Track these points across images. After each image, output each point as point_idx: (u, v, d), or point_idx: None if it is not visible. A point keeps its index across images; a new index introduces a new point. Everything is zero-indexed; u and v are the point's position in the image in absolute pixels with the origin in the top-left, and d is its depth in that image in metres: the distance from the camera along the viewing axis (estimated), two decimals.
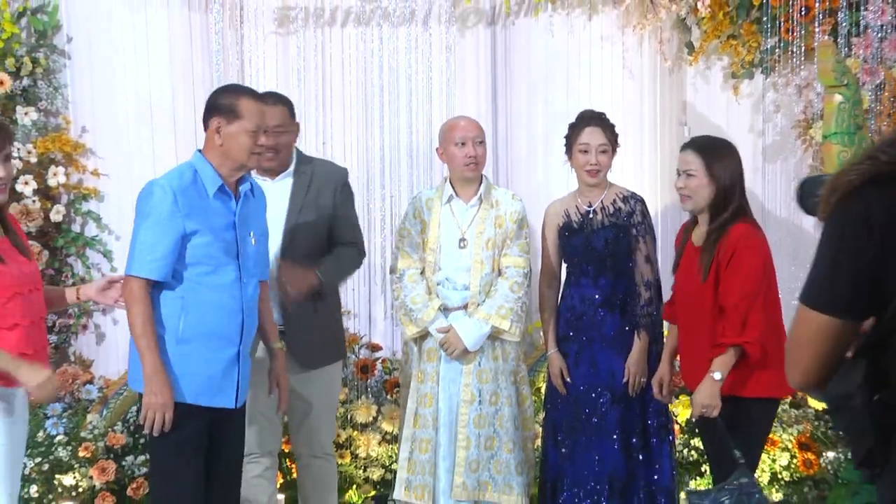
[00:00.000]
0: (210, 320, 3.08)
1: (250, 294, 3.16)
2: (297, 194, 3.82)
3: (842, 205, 1.51)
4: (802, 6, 4.90)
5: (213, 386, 3.09)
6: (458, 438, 3.82)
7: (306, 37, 5.10)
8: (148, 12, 4.75)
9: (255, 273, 3.20)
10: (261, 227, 3.30)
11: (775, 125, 5.27)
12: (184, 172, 3.10)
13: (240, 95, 3.11)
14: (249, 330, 3.18)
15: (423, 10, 5.09)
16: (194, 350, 3.06)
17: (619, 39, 4.99)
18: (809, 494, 4.54)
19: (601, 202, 3.90)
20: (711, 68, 5.27)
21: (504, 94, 5.22)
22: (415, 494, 3.83)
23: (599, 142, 3.83)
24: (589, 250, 3.84)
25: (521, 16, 5.08)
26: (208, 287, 3.08)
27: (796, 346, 1.63)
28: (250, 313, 3.17)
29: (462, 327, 3.78)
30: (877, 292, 1.50)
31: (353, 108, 5.15)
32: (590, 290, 3.84)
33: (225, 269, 3.10)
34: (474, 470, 3.80)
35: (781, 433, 4.58)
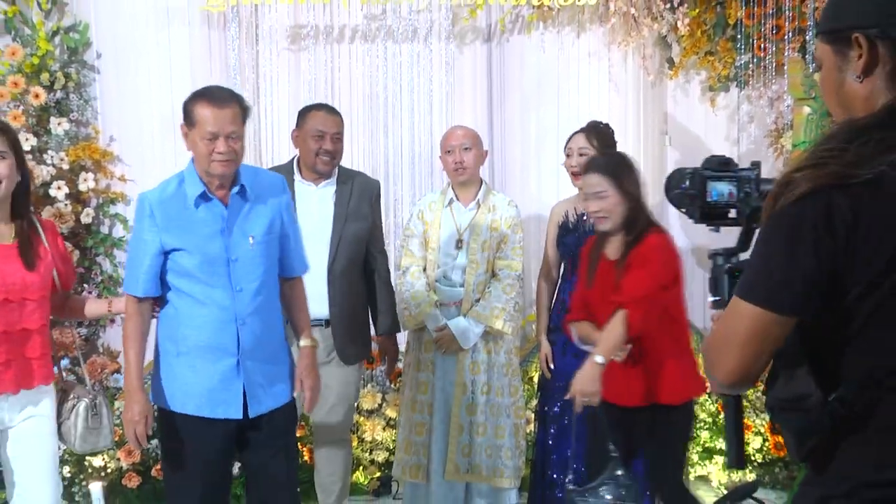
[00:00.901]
0: (202, 332, 2.83)
1: (248, 301, 2.84)
2: (341, 204, 3.83)
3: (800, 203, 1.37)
4: (773, 25, 4.94)
5: (215, 398, 2.84)
6: (451, 424, 3.82)
7: (316, 53, 5.12)
8: (170, 30, 4.76)
9: (254, 278, 2.85)
10: (266, 226, 2.91)
11: (749, 135, 5.29)
12: (170, 182, 2.88)
13: (196, 101, 2.80)
14: (250, 338, 2.85)
15: (424, 28, 5.09)
16: (192, 362, 2.84)
17: (606, 55, 5.01)
18: (780, 475, 4.58)
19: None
20: (690, 82, 5.29)
21: (499, 105, 5.23)
22: (410, 473, 3.85)
23: (580, 145, 3.84)
24: (577, 250, 3.80)
25: (515, 33, 5.08)
26: (197, 299, 2.82)
27: (727, 343, 1.47)
28: (249, 321, 2.84)
29: (457, 327, 3.78)
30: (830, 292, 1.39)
31: (360, 118, 5.15)
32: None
33: (212, 279, 2.81)
34: (466, 454, 3.81)
35: (755, 418, 4.61)
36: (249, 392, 2.85)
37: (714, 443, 4.62)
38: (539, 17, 4.96)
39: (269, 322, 2.92)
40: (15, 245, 2.76)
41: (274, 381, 2.95)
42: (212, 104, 2.76)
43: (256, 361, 2.87)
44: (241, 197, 2.85)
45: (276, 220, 2.93)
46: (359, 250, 3.83)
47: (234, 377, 2.83)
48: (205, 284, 2.81)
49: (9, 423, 2.81)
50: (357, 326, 3.85)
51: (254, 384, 2.87)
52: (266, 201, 2.92)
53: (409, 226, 4.00)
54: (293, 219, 3.05)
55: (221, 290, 2.80)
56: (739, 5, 4.95)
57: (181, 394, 2.83)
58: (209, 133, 2.73)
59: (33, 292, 2.77)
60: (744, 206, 1.80)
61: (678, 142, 5.35)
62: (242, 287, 2.82)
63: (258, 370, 2.88)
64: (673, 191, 1.88)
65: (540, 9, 4.91)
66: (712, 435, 4.63)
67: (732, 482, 4.53)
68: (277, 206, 2.95)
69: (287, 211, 2.99)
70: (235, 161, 2.80)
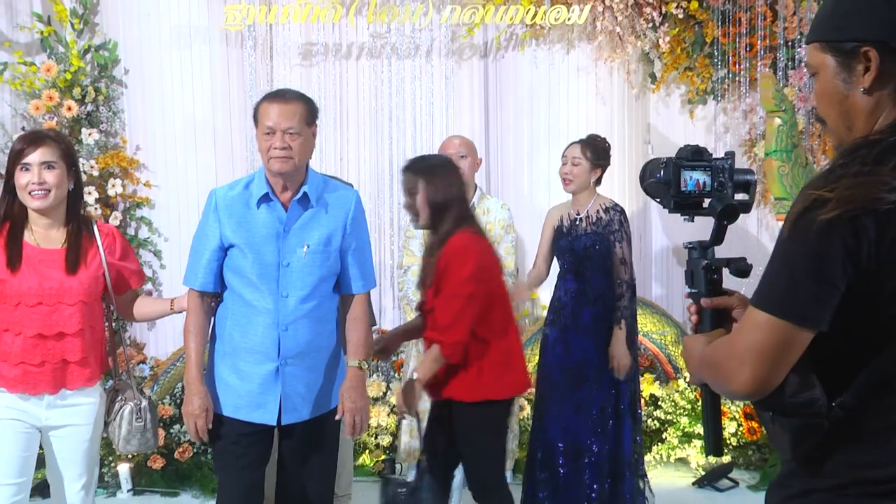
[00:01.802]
0: (246, 333, 2.67)
1: (292, 308, 2.64)
2: None
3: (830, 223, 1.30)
4: (747, 43, 4.99)
5: (253, 401, 2.68)
6: None
7: (326, 68, 5.14)
8: (192, 48, 4.78)
9: (303, 286, 2.66)
10: (325, 237, 2.70)
11: (725, 144, 5.33)
12: (241, 181, 2.74)
13: (261, 101, 2.68)
14: (292, 345, 2.66)
15: (425, 45, 5.12)
16: (235, 363, 2.70)
17: (593, 70, 5.01)
18: (753, 457, 4.60)
19: (587, 211, 3.86)
20: (671, 95, 5.33)
21: (495, 116, 5.25)
22: (412, 456, 3.86)
23: (573, 154, 3.83)
24: (571, 252, 3.85)
25: (510, 50, 5.10)
26: (245, 300, 2.67)
27: (745, 353, 1.38)
28: (293, 328, 2.66)
29: None
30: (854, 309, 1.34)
31: (366, 128, 5.18)
32: (572, 284, 3.85)
33: (261, 281, 2.64)
34: None
35: (730, 405, 4.55)
36: (286, 399, 2.68)
37: (692, 428, 4.60)
38: (531, 35, 4.98)
39: (317, 332, 2.71)
40: (63, 250, 2.66)
41: (318, 392, 2.74)
42: (272, 100, 2.64)
43: (299, 369, 2.69)
44: (302, 203, 2.67)
45: (337, 232, 2.72)
46: None
47: (273, 383, 2.66)
48: (254, 286, 2.65)
49: (46, 421, 2.68)
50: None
51: (293, 392, 2.69)
52: (330, 212, 2.71)
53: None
54: (358, 235, 2.79)
55: (268, 294, 2.64)
56: (716, 25, 4.99)
57: (222, 394, 2.70)
58: (266, 128, 2.59)
59: (71, 297, 2.64)
60: (717, 201, 1.73)
61: (660, 150, 5.29)
62: (289, 293, 2.64)
63: (300, 378, 2.70)
64: (648, 180, 1.79)
65: (532, 27, 4.93)
66: (691, 421, 4.59)
67: (710, 464, 4.52)
68: (341, 220, 2.73)
69: (353, 225, 2.75)
70: (293, 159, 2.60)
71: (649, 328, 4.88)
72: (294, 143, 2.58)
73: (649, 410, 4.66)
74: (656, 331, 4.91)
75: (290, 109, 2.59)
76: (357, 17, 5.00)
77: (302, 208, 2.67)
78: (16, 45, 4.80)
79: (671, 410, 4.64)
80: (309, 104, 2.68)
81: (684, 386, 4.69)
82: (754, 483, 4.41)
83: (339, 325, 2.83)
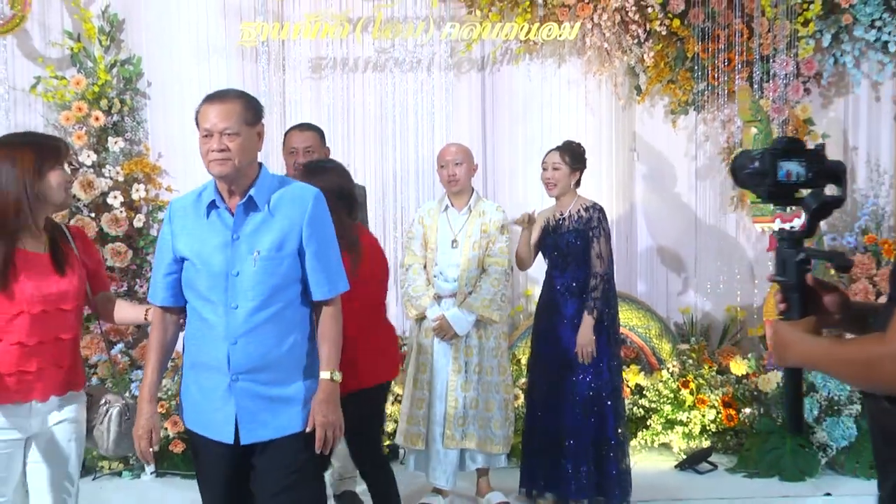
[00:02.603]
0: (201, 348, 2.38)
1: (242, 320, 2.30)
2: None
3: None
4: (725, 58, 5.02)
5: (210, 418, 2.39)
6: (447, 399, 3.80)
7: (335, 81, 5.14)
8: (210, 62, 4.84)
9: (254, 296, 2.30)
10: (277, 241, 2.34)
11: (705, 151, 5.35)
12: (196, 190, 2.45)
13: (200, 105, 2.38)
14: (242, 360, 2.32)
15: (426, 59, 5.14)
16: (197, 377, 2.41)
17: (582, 83, 5.05)
18: (731, 442, 4.63)
19: (570, 211, 3.89)
20: (655, 106, 5.34)
21: (491, 125, 5.26)
22: (411, 440, 3.84)
23: (553, 161, 3.86)
24: (556, 249, 3.89)
25: (505, 64, 5.13)
26: (199, 313, 2.37)
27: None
28: (243, 341, 2.31)
29: (452, 316, 3.75)
30: None
31: (372, 136, 5.18)
32: (557, 279, 3.89)
33: (211, 292, 2.33)
34: (460, 424, 3.78)
35: (709, 393, 4.60)
36: (243, 418, 2.35)
37: (675, 415, 4.59)
38: (525, 50, 5.04)
39: (274, 345, 2.34)
40: (48, 255, 2.44)
41: (281, 409, 2.37)
42: (210, 101, 2.33)
43: (255, 385, 2.34)
44: (251, 207, 2.34)
45: (292, 235, 2.35)
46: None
47: (228, 399, 2.34)
48: (204, 298, 2.35)
49: (34, 429, 2.45)
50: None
51: (249, 410, 2.35)
52: (284, 214, 2.36)
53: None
54: (319, 236, 2.41)
55: (218, 306, 2.32)
56: (696, 41, 5.02)
57: (188, 409, 2.44)
58: (204, 130, 2.30)
59: (69, 301, 2.45)
60: (812, 198, 1.65)
61: (644, 157, 5.40)
62: (238, 304, 2.30)
63: (258, 395, 2.35)
64: (742, 171, 1.71)
65: (526, 43, 4.99)
66: (673, 408, 4.60)
67: (690, 449, 4.55)
68: (297, 221, 2.36)
69: (311, 226, 2.38)
70: (232, 160, 2.27)
71: (634, 322, 4.89)
72: (232, 144, 2.27)
73: (634, 399, 4.68)
74: (641, 325, 4.92)
75: (226, 109, 2.29)
76: (363, 33, 5.01)
77: (251, 212, 2.34)
78: (48, 61, 4.85)
79: (655, 399, 4.66)
80: (249, 102, 2.37)
81: (667, 376, 4.72)
82: (731, 466, 4.45)
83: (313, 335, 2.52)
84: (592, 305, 3.79)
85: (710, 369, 4.82)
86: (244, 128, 2.30)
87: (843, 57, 5.08)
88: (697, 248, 5.42)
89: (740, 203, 5.29)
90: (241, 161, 2.30)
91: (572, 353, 3.81)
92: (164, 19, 4.79)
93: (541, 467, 3.89)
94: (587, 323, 3.78)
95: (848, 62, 5.08)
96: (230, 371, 2.32)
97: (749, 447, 4.45)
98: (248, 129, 2.32)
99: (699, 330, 5.31)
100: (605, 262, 3.84)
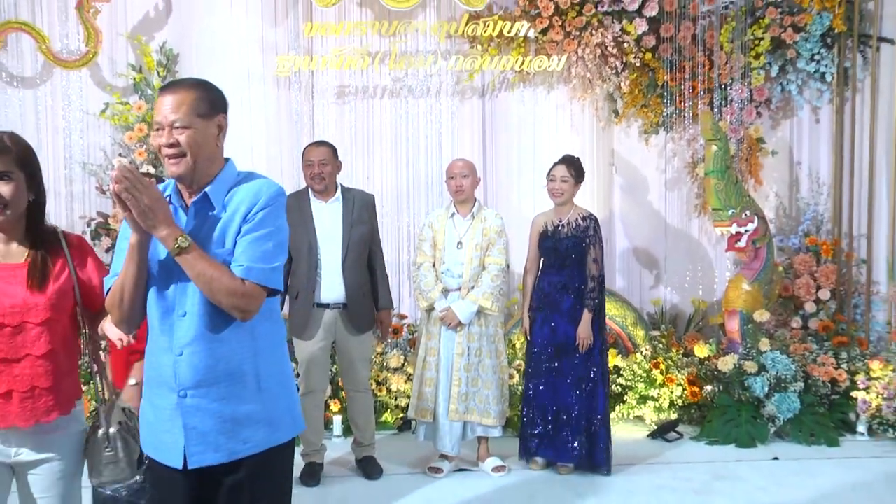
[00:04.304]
0: (151, 362, 1.89)
1: (187, 328, 1.80)
2: (347, 214, 3.74)
3: None
4: (690, 86, 5.10)
5: (160, 439, 1.88)
6: (452, 379, 3.81)
7: (356, 106, 5.19)
8: (251, 90, 4.86)
9: (201, 301, 1.79)
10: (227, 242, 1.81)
11: (673, 166, 5.41)
12: (164, 184, 1.92)
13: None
14: (188, 373, 1.81)
15: (435, 87, 5.20)
16: (150, 394, 1.91)
17: (568, 107, 5.09)
18: (695, 414, 4.68)
19: (567, 219, 3.88)
20: (630, 127, 5.39)
21: (490, 143, 5.30)
22: (421, 414, 3.85)
23: (561, 174, 3.86)
24: (555, 252, 3.87)
25: (502, 91, 5.17)
26: (152, 322, 1.88)
27: None
28: (189, 352, 1.80)
29: (457, 307, 3.78)
30: None
31: (388, 153, 5.21)
32: (555, 278, 3.88)
33: (160, 299, 1.84)
34: (464, 400, 3.81)
35: (676, 373, 4.67)
36: (191, 438, 1.82)
37: (647, 392, 4.64)
38: (519, 79, 5.10)
39: (223, 355, 1.82)
40: (25, 265, 1.97)
41: (235, 430, 1.83)
42: (162, 92, 1.83)
43: (205, 401, 1.82)
44: (206, 206, 1.83)
45: (233, 229, 1.83)
46: (363, 248, 3.76)
47: (175, 418, 1.83)
48: (156, 305, 1.86)
49: (17, 457, 1.96)
50: (364, 305, 3.78)
51: (198, 430, 1.82)
52: (237, 209, 1.83)
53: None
54: (259, 224, 1.82)
55: (167, 313, 1.84)
56: (665, 71, 5.10)
57: (143, 429, 1.95)
58: (156, 123, 1.82)
59: (36, 315, 1.94)
60: None
61: (621, 170, 5.45)
62: (187, 311, 1.81)
63: (208, 413, 1.82)
64: None
65: (520, 73, 5.05)
66: (646, 386, 4.65)
67: (661, 420, 4.59)
68: (241, 214, 1.82)
69: (255, 216, 1.81)
70: (184, 156, 1.78)
71: (613, 313, 4.91)
72: (182, 138, 1.78)
73: (613, 378, 4.70)
74: (619, 315, 4.97)
75: (177, 100, 1.79)
76: (381, 65, 5.06)
77: (207, 211, 1.83)
78: (115, 89, 4.94)
79: (630, 378, 4.71)
80: (205, 92, 1.83)
81: (641, 358, 4.75)
82: (695, 435, 4.49)
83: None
84: (592, 305, 3.81)
85: (677, 352, 4.87)
86: (196, 120, 1.79)
87: (789, 85, 5.16)
88: (667, 249, 5.48)
89: (703, 210, 5.34)
90: (195, 157, 1.80)
91: (570, 340, 3.83)
92: (212, 53, 4.84)
93: (536, 437, 3.90)
94: (587, 319, 3.80)
95: (793, 90, 5.16)
96: (177, 386, 1.82)
97: (710, 419, 4.49)
98: (203, 122, 1.80)
99: (668, 319, 5.36)
100: (600, 266, 3.86)
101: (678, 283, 5.50)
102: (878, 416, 4.47)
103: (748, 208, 4.71)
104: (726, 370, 4.52)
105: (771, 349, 4.55)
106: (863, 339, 4.88)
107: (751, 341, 4.65)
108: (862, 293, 5.15)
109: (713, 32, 5.09)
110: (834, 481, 3.83)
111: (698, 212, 5.43)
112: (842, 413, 4.54)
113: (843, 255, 5.19)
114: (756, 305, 4.72)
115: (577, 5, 4.94)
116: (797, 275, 5.10)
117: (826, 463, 4.07)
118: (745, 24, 5.06)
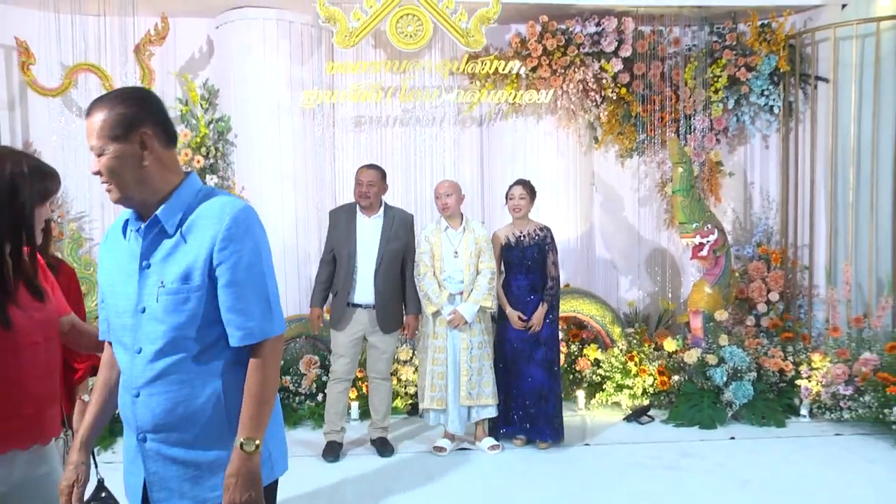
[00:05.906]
0: (120, 394, 1.57)
1: (143, 366, 1.47)
2: (386, 230, 3.78)
3: None
4: (659, 116, 5.16)
5: (128, 482, 1.59)
6: (460, 371, 3.86)
7: (371, 134, 5.18)
8: (280, 120, 4.84)
9: (156, 337, 1.46)
10: (182, 272, 1.45)
11: (645, 185, 5.48)
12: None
13: None
14: (146, 415, 1.49)
15: (439, 117, 5.22)
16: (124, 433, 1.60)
17: (555, 134, 5.12)
18: (664, 400, 4.70)
19: (527, 230, 3.95)
20: (608, 152, 5.45)
21: (488, 166, 5.31)
22: (437, 403, 3.87)
23: (519, 193, 3.93)
24: (521, 259, 3.94)
25: (498, 121, 5.20)
26: (116, 356, 1.56)
27: None
28: (145, 393, 1.48)
29: (463, 309, 3.81)
30: None
31: (399, 175, 5.17)
32: (523, 282, 3.96)
33: (118, 331, 1.53)
34: (471, 388, 3.87)
35: (648, 365, 4.68)
36: (153, 484, 1.52)
37: (623, 381, 4.64)
38: (513, 110, 5.12)
39: (184, 398, 1.47)
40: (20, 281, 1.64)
41: (207, 473, 1.50)
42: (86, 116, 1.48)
43: (164, 446, 1.50)
44: (159, 230, 1.48)
45: (200, 264, 1.45)
46: (396, 259, 3.79)
47: (137, 460, 1.54)
48: (115, 338, 1.55)
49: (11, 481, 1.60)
50: (393, 308, 3.83)
51: (159, 476, 1.52)
52: (196, 237, 1.46)
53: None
54: (234, 264, 1.45)
55: (123, 348, 1.52)
56: (638, 104, 5.16)
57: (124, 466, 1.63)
58: (90, 148, 1.47)
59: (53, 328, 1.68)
60: None
61: (600, 189, 5.49)
62: (142, 347, 1.48)
63: (169, 459, 1.51)
64: None
65: (513, 105, 5.07)
66: (622, 376, 4.66)
67: (635, 406, 4.59)
68: (206, 246, 1.45)
69: (222, 251, 1.45)
70: (111, 183, 1.45)
71: (594, 312, 4.96)
72: (101, 165, 1.45)
73: (593, 369, 4.76)
74: (599, 314, 4.98)
75: (91, 124, 1.45)
76: (392, 98, 5.05)
77: (162, 236, 1.49)
78: None
79: (608, 369, 4.74)
80: (115, 109, 1.44)
81: (618, 352, 4.77)
82: (665, 418, 4.51)
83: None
84: (549, 299, 3.96)
85: (649, 347, 4.90)
86: (110, 145, 1.44)
87: (743, 116, 5.24)
88: (640, 257, 5.54)
89: (671, 223, 5.40)
90: (123, 183, 1.46)
91: (537, 333, 3.94)
92: (248, 89, 4.85)
93: (514, 408, 3.95)
94: (542, 308, 3.95)
95: (746, 120, 5.24)
96: (136, 428, 1.52)
97: (677, 404, 4.54)
98: (119, 145, 1.44)
99: (641, 317, 5.42)
100: (557, 269, 3.99)
101: (650, 286, 5.56)
102: (818, 401, 4.55)
103: (709, 222, 4.81)
104: (691, 362, 4.58)
105: (729, 344, 4.63)
106: (806, 335, 4.93)
107: (712, 337, 4.73)
108: (805, 295, 5.21)
109: (679, 71, 5.16)
110: (781, 457, 3.92)
111: (667, 225, 5.50)
112: (788, 399, 4.62)
113: (790, 263, 5.26)
114: (716, 306, 4.81)
115: (562, 47, 4.99)
116: (751, 279, 5.17)
117: (775, 441, 4.15)
118: (706, 64, 5.15)
